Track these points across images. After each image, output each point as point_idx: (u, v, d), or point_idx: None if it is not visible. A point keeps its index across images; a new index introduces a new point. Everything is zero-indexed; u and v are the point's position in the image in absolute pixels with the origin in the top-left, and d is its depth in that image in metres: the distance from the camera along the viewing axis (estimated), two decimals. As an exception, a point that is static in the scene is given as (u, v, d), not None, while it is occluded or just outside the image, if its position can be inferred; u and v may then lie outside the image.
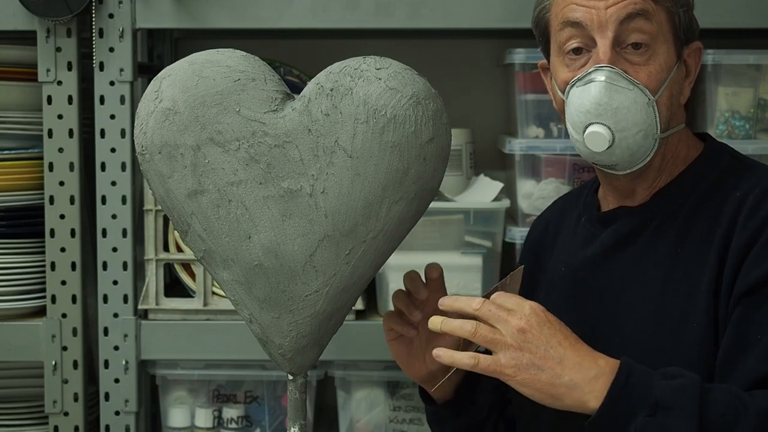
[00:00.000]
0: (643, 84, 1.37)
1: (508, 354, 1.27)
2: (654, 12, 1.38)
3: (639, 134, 1.38)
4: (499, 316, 1.28)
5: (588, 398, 1.25)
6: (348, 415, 2.00)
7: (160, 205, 1.44)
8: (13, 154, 1.93)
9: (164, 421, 2.03)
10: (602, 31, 1.37)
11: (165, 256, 1.94)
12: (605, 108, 1.37)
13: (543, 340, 1.27)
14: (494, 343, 1.28)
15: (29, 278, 1.94)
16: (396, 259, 1.56)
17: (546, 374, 1.26)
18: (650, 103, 1.37)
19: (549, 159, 1.94)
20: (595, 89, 1.37)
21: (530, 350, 1.26)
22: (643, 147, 1.39)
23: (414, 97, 1.34)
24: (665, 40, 1.39)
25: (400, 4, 1.84)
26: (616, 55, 1.38)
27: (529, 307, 1.29)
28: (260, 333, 1.43)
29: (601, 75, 1.37)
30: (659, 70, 1.38)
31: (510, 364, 1.27)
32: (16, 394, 2.05)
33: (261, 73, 1.37)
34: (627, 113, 1.37)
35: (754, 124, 1.91)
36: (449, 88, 1.78)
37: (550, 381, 1.26)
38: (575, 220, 1.55)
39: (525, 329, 1.27)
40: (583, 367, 1.26)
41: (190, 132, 1.35)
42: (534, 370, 1.26)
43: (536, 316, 1.28)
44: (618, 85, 1.36)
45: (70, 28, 1.86)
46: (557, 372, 1.26)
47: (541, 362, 1.26)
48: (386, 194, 1.34)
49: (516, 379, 1.27)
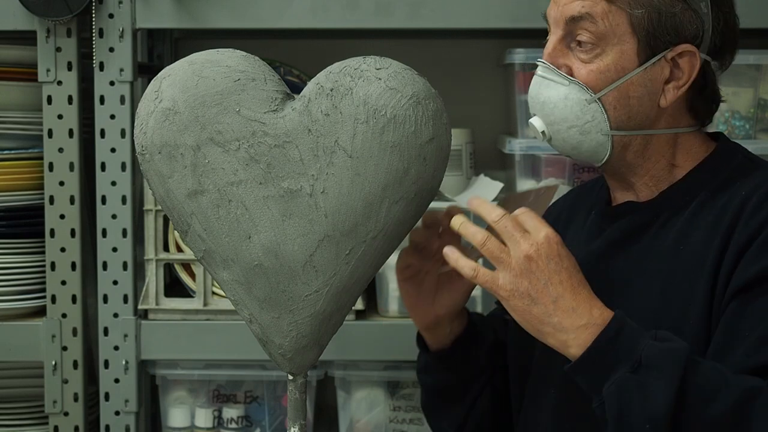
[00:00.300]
0: (583, 81, 1.38)
1: (508, 276, 1.28)
2: (605, 13, 1.38)
3: (572, 130, 1.40)
4: (512, 236, 1.29)
5: (571, 344, 1.27)
6: (348, 415, 2.00)
7: (160, 205, 1.44)
8: (13, 154, 1.93)
9: (164, 421, 2.03)
10: (555, 28, 1.42)
11: (165, 256, 1.94)
12: (534, 101, 1.43)
13: (545, 274, 1.27)
14: (498, 261, 1.29)
15: (29, 278, 1.94)
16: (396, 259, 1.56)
17: (538, 308, 1.27)
18: (591, 100, 1.38)
19: (549, 159, 1.94)
20: (533, 82, 1.43)
21: (530, 280, 1.27)
22: (585, 143, 1.41)
23: (414, 97, 1.34)
24: (622, 41, 1.38)
25: (400, 4, 1.84)
26: (565, 50, 1.40)
27: (544, 234, 1.29)
28: (260, 333, 1.43)
29: (539, 69, 1.42)
30: (604, 69, 1.38)
31: (507, 287, 1.28)
32: (16, 394, 2.05)
33: (261, 73, 1.37)
34: (554, 108, 1.40)
35: (754, 124, 1.91)
36: (449, 88, 1.78)
37: (539, 317, 1.27)
38: (586, 211, 1.55)
39: (532, 257, 1.27)
40: (575, 313, 1.27)
41: (190, 132, 1.35)
42: (528, 300, 1.27)
43: (548, 246, 1.28)
44: (549, 80, 1.40)
45: (70, 28, 1.86)
46: (549, 310, 1.27)
47: (537, 295, 1.27)
48: (386, 194, 1.34)
49: (508, 303, 1.28)
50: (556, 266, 1.28)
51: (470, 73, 2.29)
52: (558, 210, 1.64)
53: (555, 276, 1.28)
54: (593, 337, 1.26)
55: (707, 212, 1.39)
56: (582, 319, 1.27)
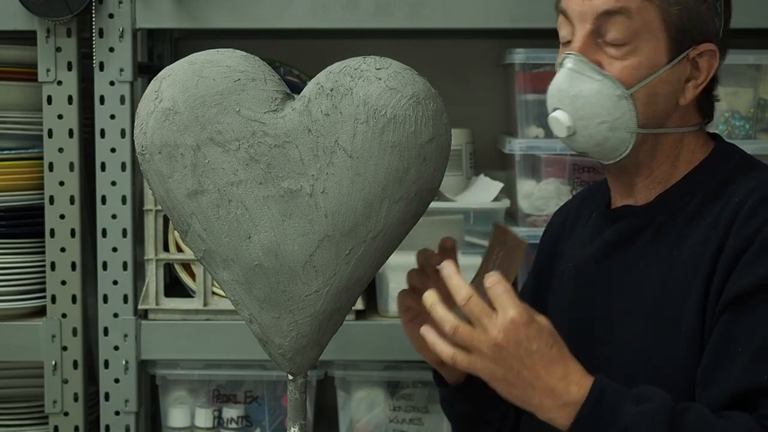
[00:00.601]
0: (616, 76, 1.37)
1: (484, 362, 1.28)
2: (639, 9, 1.37)
3: (602, 125, 1.38)
4: (479, 322, 1.28)
5: (557, 421, 1.28)
6: (348, 415, 2.00)
7: (160, 205, 1.44)
8: (13, 154, 1.93)
9: (164, 421, 2.03)
10: (581, 22, 1.39)
11: (165, 256, 1.94)
12: (564, 94, 1.39)
13: (517, 360, 1.27)
14: (471, 348, 1.28)
15: (29, 278, 1.94)
16: (396, 259, 1.55)
17: (517, 391, 1.28)
18: (623, 96, 1.37)
19: (549, 159, 1.94)
20: (560, 75, 1.40)
21: (504, 366, 1.27)
22: (611, 139, 1.39)
23: (414, 97, 1.34)
24: (653, 37, 1.37)
25: (400, 4, 1.84)
26: (594, 46, 1.38)
27: (510, 318, 1.27)
28: (260, 333, 1.43)
29: (569, 62, 1.39)
30: (637, 65, 1.37)
31: (484, 372, 1.28)
32: (16, 394, 2.05)
33: (261, 73, 1.37)
34: (586, 102, 1.38)
35: (754, 124, 1.91)
36: (449, 88, 1.78)
37: (521, 398, 1.29)
38: (589, 214, 1.55)
39: (501, 345, 1.26)
40: (554, 394, 1.27)
41: (190, 132, 1.35)
42: (506, 384, 1.28)
43: (515, 331, 1.27)
44: (583, 74, 1.38)
45: (70, 28, 1.86)
46: (528, 393, 1.28)
47: (513, 381, 1.28)
48: (386, 194, 1.34)
49: (491, 384, 1.29)
50: (526, 351, 1.27)
51: (470, 73, 2.29)
52: (567, 210, 1.64)
53: (527, 361, 1.27)
54: (575, 413, 1.26)
55: (704, 216, 1.38)
56: (561, 398, 1.27)
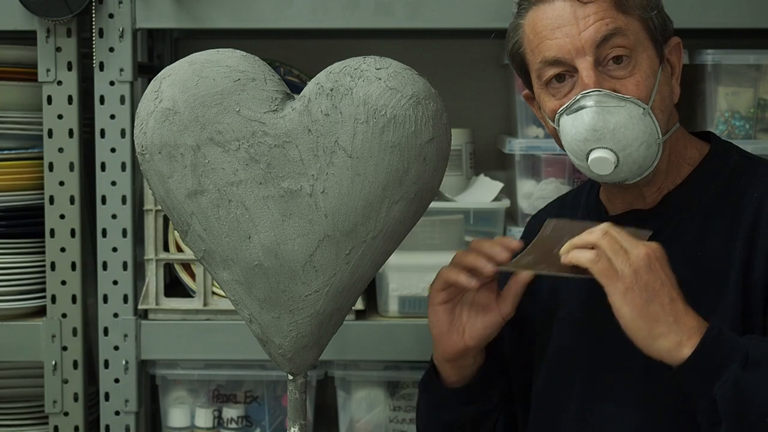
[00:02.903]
0: (634, 96, 1.37)
1: (628, 269, 1.27)
2: (627, 25, 1.38)
3: (642, 146, 1.37)
4: (628, 240, 1.29)
5: (685, 344, 1.26)
6: (348, 415, 2.00)
7: (160, 205, 1.44)
8: (13, 154, 1.93)
9: (164, 421, 2.03)
10: (581, 57, 1.38)
11: (165, 256, 1.94)
12: (602, 132, 1.37)
13: (662, 275, 1.28)
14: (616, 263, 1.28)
15: (29, 278, 1.94)
16: (396, 259, 1.56)
17: (655, 306, 1.27)
18: (646, 112, 1.37)
19: (549, 159, 1.94)
20: (588, 116, 1.37)
21: (650, 275, 1.27)
22: (648, 157, 1.39)
23: (414, 97, 1.34)
24: (645, 47, 1.39)
25: (400, 4, 1.84)
26: (600, 74, 1.38)
27: (654, 245, 1.29)
28: (260, 333, 1.43)
29: (590, 100, 1.37)
30: (645, 77, 1.38)
31: (627, 278, 1.27)
32: (16, 394, 2.05)
33: (261, 73, 1.37)
34: (626, 131, 1.36)
35: (754, 124, 1.91)
36: (449, 88, 1.78)
37: (656, 314, 1.27)
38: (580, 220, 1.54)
39: (651, 256, 1.28)
40: (688, 315, 1.28)
41: (190, 132, 1.35)
42: (647, 294, 1.27)
43: (662, 253, 1.29)
44: (609, 106, 1.36)
45: (70, 28, 1.86)
46: (666, 309, 1.27)
47: (656, 291, 1.27)
48: (386, 194, 1.34)
49: (625, 297, 1.27)
50: (669, 273, 1.29)
51: (470, 73, 2.29)
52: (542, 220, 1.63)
53: (670, 280, 1.28)
54: (700, 338, 1.26)
55: (720, 215, 1.39)
56: (693, 321, 1.28)
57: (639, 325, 1.27)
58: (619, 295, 1.27)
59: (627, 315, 1.27)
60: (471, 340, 1.48)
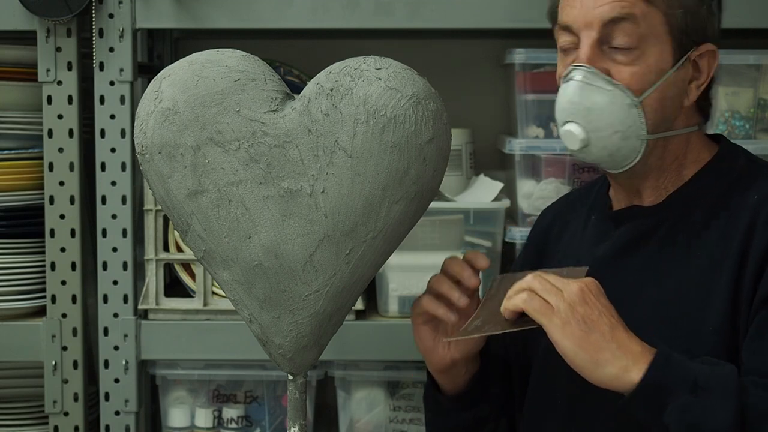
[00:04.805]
0: (625, 84, 1.37)
1: (563, 304, 1.27)
2: (644, 14, 1.37)
3: (615, 135, 1.38)
4: (557, 280, 1.29)
5: (631, 368, 1.25)
6: (348, 415, 2.00)
7: (160, 205, 1.44)
8: (13, 154, 1.93)
9: (164, 421, 2.03)
10: (587, 31, 1.38)
11: (165, 256, 1.94)
12: (577, 107, 1.39)
13: (598, 307, 1.27)
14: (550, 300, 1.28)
15: (29, 278, 1.94)
16: (396, 259, 1.56)
17: (595, 335, 1.26)
18: (633, 104, 1.37)
19: (549, 159, 1.94)
20: (571, 88, 1.39)
21: (584, 308, 1.26)
22: (623, 148, 1.39)
23: (414, 97, 1.34)
24: (658, 41, 1.38)
25: (400, 4, 1.84)
26: (600, 54, 1.38)
27: (587, 280, 1.30)
28: (260, 333, 1.43)
29: (578, 74, 1.38)
30: (646, 71, 1.37)
31: (562, 313, 1.26)
32: (16, 394, 2.05)
33: (261, 73, 1.37)
34: (601, 114, 1.37)
35: (754, 124, 1.91)
36: (449, 88, 1.78)
37: (597, 343, 1.25)
38: (585, 216, 1.55)
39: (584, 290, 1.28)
40: (631, 341, 1.27)
41: (190, 132, 1.35)
42: (585, 326, 1.26)
43: (595, 286, 1.29)
44: (594, 85, 1.37)
45: (70, 28, 1.86)
46: (607, 337, 1.26)
47: (593, 321, 1.26)
48: (386, 194, 1.34)
49: (564, 331, 1.26)
50: (606, 303, 1.29)
51: (470, 73, 2.29)
52: (552, 214, 1.63)
53: (608, 310, 1.28)
54: (648, 363, 1.25)
55: (718, 217, 1.38)
56: (637, 346, 1.27)
57: (582, 356, 1.26)
58: (557, 330, 1.26)
59: (568, 348, 1.26)
60: (457, 353, 1.50)
